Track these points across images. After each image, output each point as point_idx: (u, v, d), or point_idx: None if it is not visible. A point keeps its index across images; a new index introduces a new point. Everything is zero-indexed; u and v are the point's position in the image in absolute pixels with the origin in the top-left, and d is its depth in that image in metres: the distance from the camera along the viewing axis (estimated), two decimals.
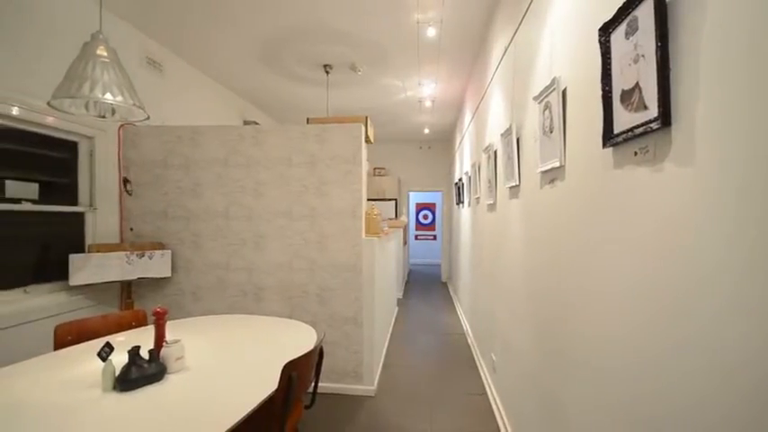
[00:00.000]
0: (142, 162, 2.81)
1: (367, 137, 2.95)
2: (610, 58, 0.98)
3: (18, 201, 2.17)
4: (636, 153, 0.90)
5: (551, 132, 1.40)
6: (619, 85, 0.94)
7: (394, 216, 7.19)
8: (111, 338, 1.66)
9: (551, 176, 1.46)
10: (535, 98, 1.56)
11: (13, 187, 2.15)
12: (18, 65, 2.08)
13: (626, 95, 0.91)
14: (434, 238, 10.05)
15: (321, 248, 2.73)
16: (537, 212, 1.66)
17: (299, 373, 1.36)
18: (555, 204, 1.44)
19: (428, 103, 4.84)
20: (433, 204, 10.01)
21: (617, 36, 0.94)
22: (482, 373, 3.00)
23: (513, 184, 1.98)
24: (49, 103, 1.33)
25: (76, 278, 2.33)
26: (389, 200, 7.27)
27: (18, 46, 2.08)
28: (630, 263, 0.92)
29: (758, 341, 0.57)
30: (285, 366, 1.29)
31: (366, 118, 3.05)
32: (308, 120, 3.21)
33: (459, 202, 5.13)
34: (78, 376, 1.35)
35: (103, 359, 1.26)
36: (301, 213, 2.74)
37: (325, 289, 2.73)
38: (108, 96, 1.25)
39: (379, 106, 5.07)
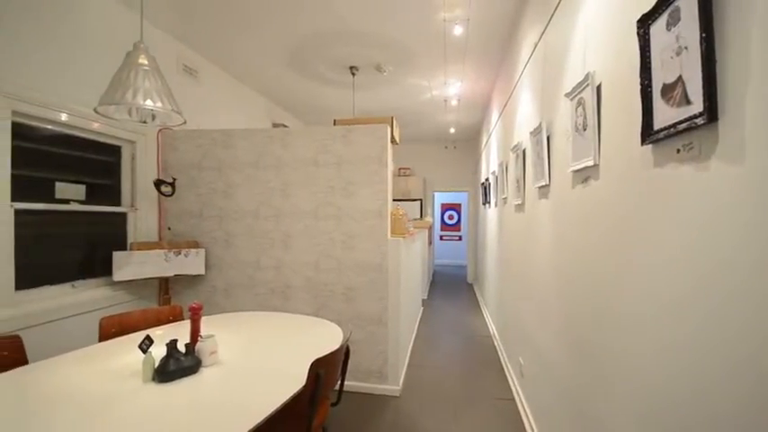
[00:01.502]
0: (179, 164, 2.94)
1: (392, 137, 2.96)
2: (649, 51, 0.93)
3: (67, 201, 2.34)
4: (678, 150, 0.86)
5: (584, 130, 1.35)
6: (659, 78, 0.89)
7: (419, 216, 7.17)
8: (150, 332, 1.75)
9: (584, 175, 1.41)
10: (567, 95, 1.51)
11: (62, 189, 2.31)
12: (67, 74, 2.23)
13: (667, 89, 0.86)
14: (460, 238, 9.92)
15: (347, 248, 2.76)
16: (568, 213, 1.61)
17: (326, 371, 1.38)
18: (588, 204, 1.39)
19: (454, 102, 4.79)
20: (459, 205, 9.88)
21: (657, 28, 0.90)
22: (509, 378, 2.93)
23: (543, 183, 1.92)
24: (95, 110, 1.43)
25: (119, 274, 2.48)
26: (414, 200, 7.24)
27: (67, 57, 2.23)
28: (674, 267, 0.88)
29: None
30: (313, 364, 1.31)
31: (392, 118, 3.05)
32: (334, 121, 3.26)
33: (486, 202, 5.04)
34: (121, 367, 1.43)
35: (144, 351, 1.33)
36: (328, 213, 2.79)
37: (350, 288, 2.76)
38: (149, 102, 1.32)
39: (405, 106, 5.06)
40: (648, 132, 0.94)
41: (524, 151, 2.45)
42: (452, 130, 6.41)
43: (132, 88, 1.30)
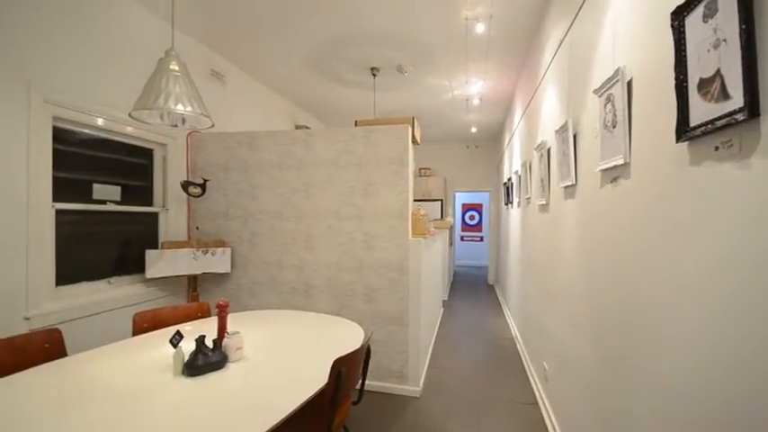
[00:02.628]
0: (207, 166, 3.05)
1: (413, 138, 2.95)
2: (684, 45, 0.89)
3: (103, 202, 2.46)
4: (717, 148, 0.82)
5: (614, 127, 1.31)
6: (695, 73, 0.85)
7: (440, 217, 7.11)
8: (180, 327, 1.82)
9: (614, 175, 1.36)
10: (595, 91, 1.47)
11: (99, 190, 2.44)
12: (104, 80, 2.35)
13: (704, 84, 0.82)
14: (481, 239, 9.78)
15: (368, 248, 2.77)
16: (596, 213, 1.56)
17: (348, 370, 1.39)
18: (618, 205, 1.34)
19: (476, 102, 4.73)
20: (480, 205, 9.74)
21: (692, 20, 0.86)
22: (533, 381, 2.87)
23: (569, 183, 1.87)
24: (130, 114, 1.50)
25: (152, 271, 2.59)
26: (435, 200, 7.20)
27: (104, 64, 2.35)
28: (711, 270, 0.84)
29: None
30: (335, 362, 1.33)
31: (412, 119, 3.05)
32: (355, 122, 3.28)
33: (508, 202, 4.95)
34: (153, 360, 1.49)
35: (174, 346, 1.39)
36: (349, 214, 2.81)
37: (371, 288, 2.77)
38: (179, 107, 1.38)
39: (426, 106, 5.04)
40: (684, 129, 0.90)
41: (549, 150, 2.39)
42: (474, 130, 6.33)
43: (164, 93, 1.36)
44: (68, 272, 2.22)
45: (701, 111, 0.83)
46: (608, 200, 1.43)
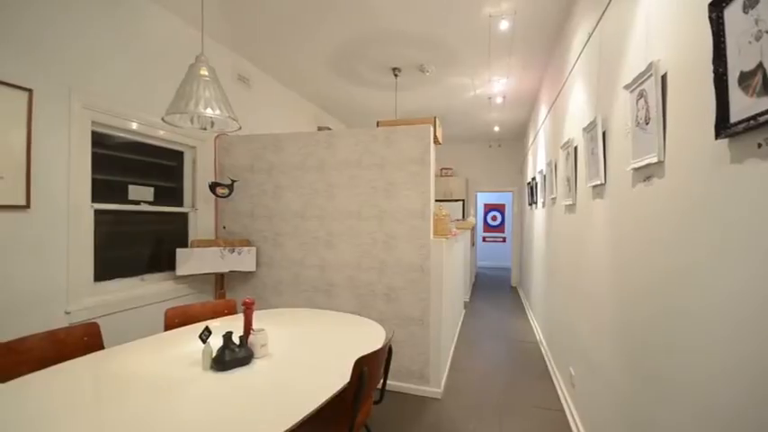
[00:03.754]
0: (233, 168, 3.14)
1: (435, 137, 2.94)
2: (723, 37, 0.85)
3: (137, 202, 2.58)
4: (760, 145, 0.77)
5: (647, 124, 1.25)
6: (736, 66, 0.81)
7: (461, 217, 7.04)
8: (208, 323, 1.88)
9: (646, 173, 1.31)
10: (626, 86, 1.41)
11: (134, 191, 2.56)
12: (137, 86, 2.47)
13: (746, 78, 0.78)
14: (504, 240, 9.60)
15: (389, 248, 2.78)
16: (627, 214, 1.50)
17: (370, 369, 1.40)
18: (651, 205, 1.28)
19: (499, 100, 4.65)
20: (503, 205, 9.56)
21: (732, 11, 0.81)
22: (558, 387, 2.79)
23: (598, 182, 1.81)
24: (163, 119, 1.57)
25: (182, 269, 2.70)
26: (456, 200, 7.13)
27: (137, 70, 2.47)
28: (753, 278, 0.79)
29: None
30: (357, 361, 1.34)
31: (434, 119, 3.03)
32: (377, 123, 3.30)
33: (532, 202, 4.83)
34: (183, 355, 1.55)
35: (203, 341, 1.44)
36: (370, 214, 2.82)
37: (392, 288, 2.77)
38: (209, 111, 1.43)
39: (448, 106, 5.00)
40: (724, 125, 0.85)
41: (576, 148, 2.32)
42: (497, 129, 6.22)
43: (195, 98, 1.42)
44: (105, 269, 2.34)
45: (743, 106, 0.79)
46: (640, 200, 1.37)
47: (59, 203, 2.03)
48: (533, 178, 4.67)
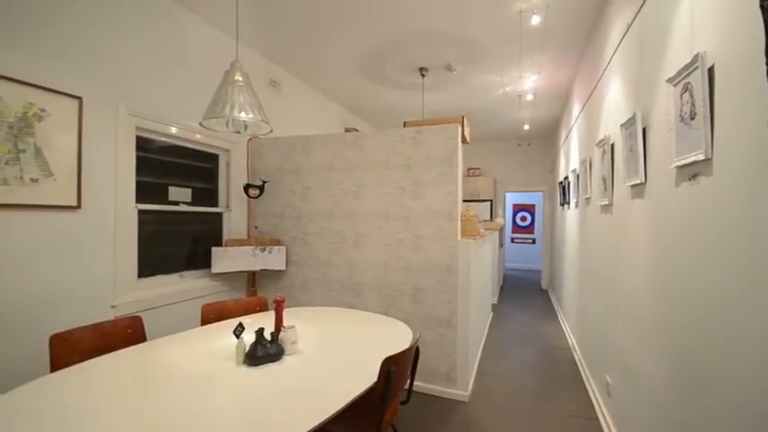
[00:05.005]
0: (264, 169, 3.24)
1: (463, 137, 2.90)
2: None
3: (177, 203, 2.71)
4: None
5: (692, 119, 1.18)
6: None
7: (489, 218, 6.90)
8: (241, 319, 1.95)
9: (692, 172, 1.23)
10: (669, 80, 1.34)
11: (173, 192, 2.69)
12: (176, 92, 2.60)
13: None
14: (533, 241, 9.32)
15: (416, 249, 2.77)
16: (670, 214, 1.42)
17: (397, 369, 1.40)
18: (697, 205, 1.21)
19: (529, 97, 4.52)
20: (533, 205, 9.29)
21: None
22: (592, 395, 2.67)
23: (637, 181, 1.72)
24: (201, 123, 1.65)
25: (217, 267, 2.82)
26: (484, 201, 7.00)
27: (176, 76, 2.60)
28: None
29: None
30: (384, 361, 1.34)
31: (462, 118, 2.99)
32: (404, 123, 3.30)
33: (565, 202, 4.66)
34: (218, 349, 1.62)
35: (237, 337, 1.49)
36: (397, 214, 2.83)
37: (419, 289, 2.76)
38: (243, 115, 1.49)
39: (475, 105, 4.92)
40: None
41: (613, 146, 2.22)
42: (526, 127, 6.06)
43: (230, 103, 1.48)
44: (148, 266, 2.48)
45: None
46: (685, 200, 1.29)
47: (107, 204, 2.17)
48: (565, 177, 4.51)
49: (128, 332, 1.77)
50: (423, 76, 3.85)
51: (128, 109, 2.26)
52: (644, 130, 1.68)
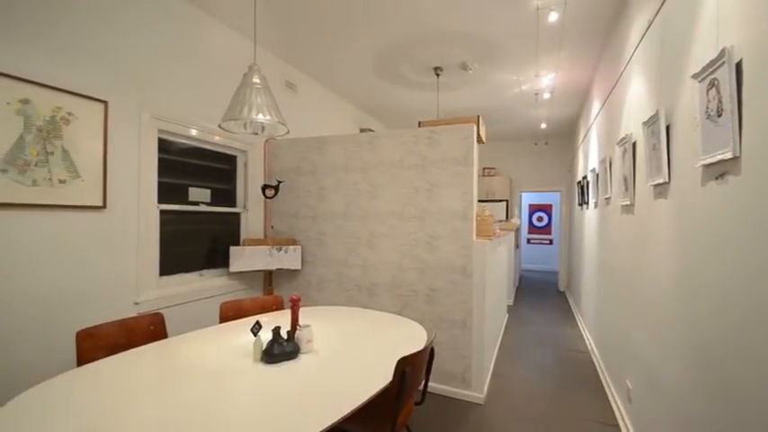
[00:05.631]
0: (280, 170, 3.29)
1: (479, 137, 2.87)
2: None
3: (197, 203, 2.78)
4: None
5: (719, 116, 1.14)
6: None
7: (504, 218, 6.81)
8: (258, 317, 1.98)
9: (719, 170, 1.19)
10: (694, 76, 1.29)
11: (194, 192, 2.76)
12: (196, 94, 2.66)
13: None
14: (550, 242, 9.15)
15: (431, 249, 2.76)
16: (696, 215, 1.37)
17: (412, 370, 1.40)
18: (725, 205, 1.16)
19: (546, 96, 4.44)
20: (550, 206, 9.12)
21: None
22: (612, 400, 2.61)
23: (660, 181, 1.67)
24: (220, 125, 1.68)
25: (235, 266, 2.87)
26: (499, 201, 6.90)
27: (196, 80, 2.66)
28: None
29: None
30: (399, 361, 1.34)
31: (478, 117, 2.97)
32: (419, 123, 3.29)
33: (583, 202, 4.56)
34: (236, 346, 1.65)
35: (254, 335, 1.52)
36: (412, 214, 2.82)
37: (433, 289, 2.75)
38: (260, 116, 1.51)
39: (491, 104, 4.87)
40: None
41: (634, 144, 2.16)
42: (543, 126, 5.95)
43: (248, 105, 1.50)
44: (169, 264, 2.55)
45: None
46: (711, 199, 1.25)
47: (130, 204, 2.24)
48: (584, 177, 4.41)
49: (150, 328, 1.82)
50: (437, 75, 3.83)
51: (150, 112, 2.33)
52: (667, 128, 1.63)
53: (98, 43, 2.05)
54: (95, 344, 1.61)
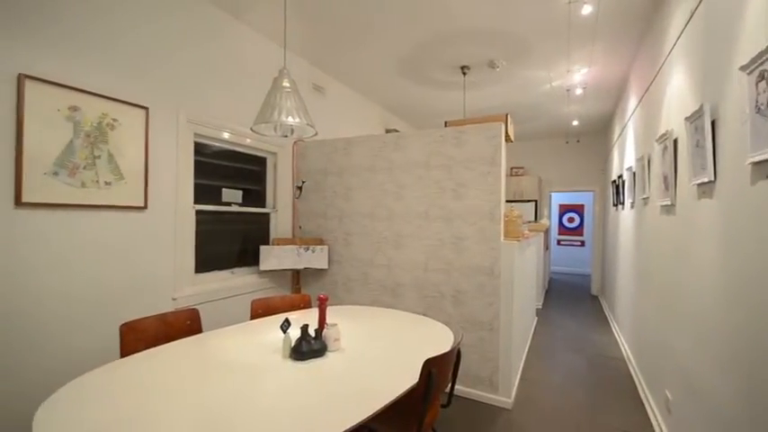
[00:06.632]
0: (308, 171, 3.35)
1: (507, 135, 2.81)
2: None
3: (229, 204, 2.89)
4: None
5: None
6: None
7: (533, 219, 6.63)
8: (287, 315, 2.04)
9: None
10: (743, 68, 1.21)
11: (227, 193, 2.87)
12: (228, 99, 2.76)
13: None
14: (582, 244, 8.81)
15: (457, 250, 2.73)
16: (745, 217, 1.28)
17: (438, 371, 1.39)
18: None
19: (578, 92, 4.28)
20: (581, 206, 8.79)
21: None
22: (650, 411, 2.48)
23: (705, 179, 1.57)
24: (251, 128, 1.74)
25: (264, 265, 2.96)
26: (528, 201, 6.73)
27: (229, 84, 2.77)
28: None
29: None
30: (425, 362, 1.34)
31: (506, 116, 2.90)
32: (445, 123, 3.26)
33: (618, 203, 4.36)
34: (266, 342, 1.70)
35: (284, 332, 1.56)
36: (438, 215, 2.80)
37: (460, 291, 2.72)
38: (290, 119, 1.55)
39: (519, 102, 4.75)
40: None
41: (676, 141, 2.04)
42: (575, 123, 5.74)
43: (278, 108, 1.55)
44: (203, 262, 2.66)
45: None
46: (762, 199, 1.16)
47: (168, 205, 2.36)
48: (619, 176, 4.22)
49: (187, 323, 1.91)
50: (464, 74, 3.78)
51: (187, 116, 2.44)
52: (713, 123, 1.54)
53: (140, 53, 2.17)
54: (137, 337, 1.70)
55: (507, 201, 6.35)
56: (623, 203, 4.02)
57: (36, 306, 1.77)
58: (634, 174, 3.30)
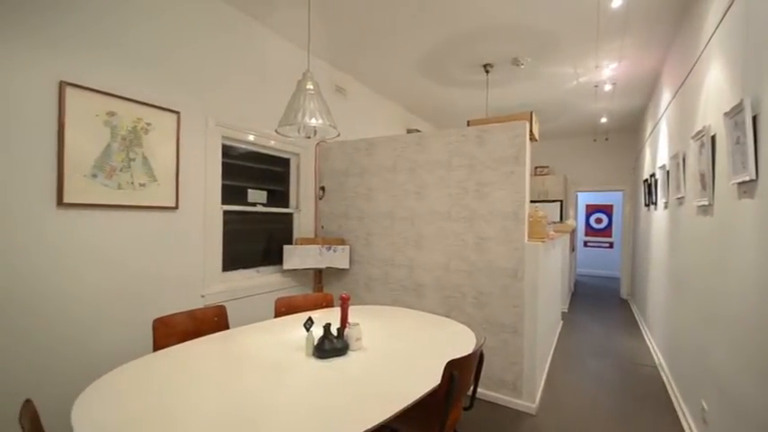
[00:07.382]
0: (330, 172, 3.40)
1: (531, 134, 2.75)
2: None
3: (255, 204, 2.97)
4: None
5: None
6: None
7: (558, 219, 6.45)
8: (310, 314, 2.07)
9: None
10: None
11: (252, 194, 2.95)
12: (254, 102, 2.84)
13: None
14: (610, 245, 8.50)
15: (480, 251, 2.69)
16: None
17: (460, 374, 1.38)
18: None
19: (607, 88, 4.14)
20: (610, 206, 8.48)
21: None
22: (684, 421, 2.36)
23: (746, 178, 1.48)
24: (276, 131, 1.78)
25: (288, 264, 3.02)
26: (553, 201, 6.55)
27: (254, 87, 2.84)
28: None
29: None
30: (448, 364, 1.33)
31: (531, 114, 2.84)
32: (468, 122, 3.23)
33: (651, 203, 4.18)
34: (289, 340, 1.74)
35: (307, 330, 1.58)
36: (460, 215, 2.78)
37: (482, 292, 2.68)
38: (313, 121, 1.58)
39: (544, 99, 4.64)
40: None
41: (713, 138, 1.94)
42: (603, 120, 5.54)
43: (302, 110, 1.58)
44: (230, 261, 2.75)
45: None
46: None
47: (198, 205, 2.45)
48: (652, 175, 4.04)
49: (215, 320, 1.98)
50: (487, 72, 3.73)
51: (215, 120, 2.53)
52: (754, 119, 1.45)
53: (171, 60, 2.26)
54: (168, 331, 1.78)
55: (532, 201, 6.20)
56: (656, 203, 3.85)
57: (76, 301, 1.88)
58: (668, 172, 3.15)
